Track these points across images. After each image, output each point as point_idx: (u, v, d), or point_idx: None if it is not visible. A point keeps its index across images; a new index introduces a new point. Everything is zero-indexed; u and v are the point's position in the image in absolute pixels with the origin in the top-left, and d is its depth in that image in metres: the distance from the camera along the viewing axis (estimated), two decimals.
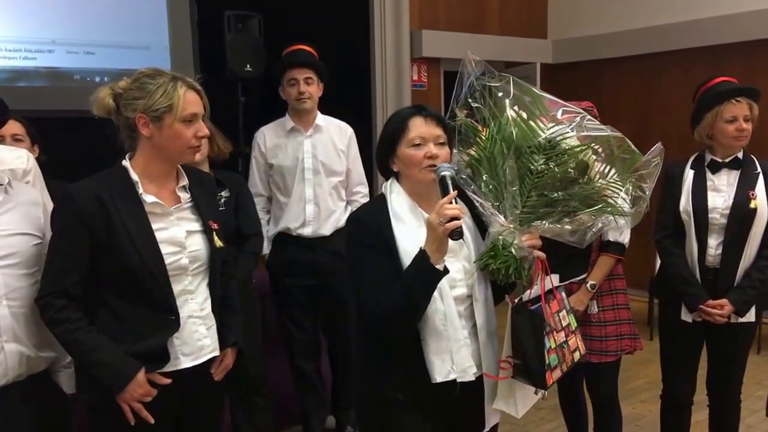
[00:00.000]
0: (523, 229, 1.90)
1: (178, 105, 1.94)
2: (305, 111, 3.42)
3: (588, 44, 6.71)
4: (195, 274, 2.07)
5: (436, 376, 1.89)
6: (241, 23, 5.58)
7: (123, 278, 1.95)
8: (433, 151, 1.92)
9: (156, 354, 1.98)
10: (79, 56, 4.81)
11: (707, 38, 5.85)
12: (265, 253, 3.49)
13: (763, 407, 2.97)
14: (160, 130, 1.96)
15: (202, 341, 2.08)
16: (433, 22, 6.27)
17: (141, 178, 2.00)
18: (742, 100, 2.76)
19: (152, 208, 2.00)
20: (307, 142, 3.45)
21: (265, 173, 3.52)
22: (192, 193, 2.11)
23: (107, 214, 1.92)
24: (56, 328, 1.94)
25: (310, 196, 3.43)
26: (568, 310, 2.06)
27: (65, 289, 1.93)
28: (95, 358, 1.93)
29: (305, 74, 3.37)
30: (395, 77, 5.96)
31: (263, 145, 3.50)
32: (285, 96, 3.44)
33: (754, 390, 4.20)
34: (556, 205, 1.90)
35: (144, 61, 4.91)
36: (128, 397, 1.93)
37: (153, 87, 1.94)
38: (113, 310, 1.97)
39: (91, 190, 1.94)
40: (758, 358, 4.84)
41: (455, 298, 1.93)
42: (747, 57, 5.69)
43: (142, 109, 1.94)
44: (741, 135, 2.76)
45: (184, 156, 2.03)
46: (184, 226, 2.06)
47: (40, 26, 4.64)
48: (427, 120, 1.95)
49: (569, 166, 1.87)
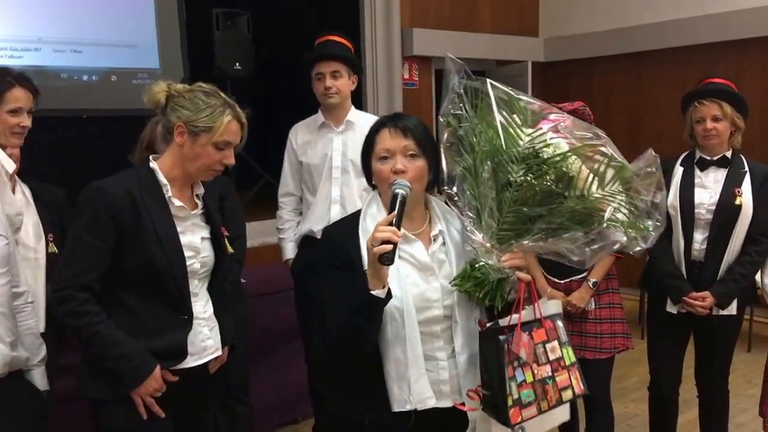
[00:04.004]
0: (502, 247, 1.76)
1: (218, 130, 2.02)
2: (333, 106, 3.23)
3: (579, 42, 6.75)
4: (201, 278, 2.16)
5: (394, 404, 1.79)
6: (230, 21, 5.59)
7: (144, 276, 2.00)
8: (398, 165, 1.78)
9: (174, 351, 2.07)
10: (66, 55, 4.73)
11: (699, 36, 5.90)
12: (289, 258, 3.40)
13: (754, 406, 2.99)
14: (193, 145, 2.03)
15: (206, 342, 2.17)
16: (424, 20, 6.28)
17: (168, 181, 2.07)
18: (706, 101, 2.88)
19: (177, 211, 2.08)
20: (337, 139, 3.26)
21: (297, 171, 3.36)
22: (205, 202, 2.20)
23: (138, 211, 1.98)
24: (77, 321, 1.96)
25: (337, 197, 3.24)
26: (562, 342, 1.86)
27: (87, 284, 1.96)
28: (117, 351, 1.98)
29: (332, 68, 3.17)
30: (386, 76, 5.97)
31: (295, 142, 3.35)
32: (315, 91, 3.26)
33: (744, 388, 4.24)
34: (536, 221, 1.73)
35: (132, 60, 4.97)
36: (143, 391, 2.00)
37: (203, 104, 2.03)
38: (129, 306, 2.02)
39: (124, 186, 1.99)
40: (749, 356, 4.90)
41: (430, 320, 1.81)
42: (738, 55, 5.74)
43: (185, 120, 2.02)
44: (709, 134, 2.88)
45: (202, 174, 2.10)
46: (198, 233, 2.14)
47: (26, 24, 4.58)
48: (392, 131, 1.81)
49: (548, 178, 1.71)
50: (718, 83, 2.99)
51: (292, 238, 3.40)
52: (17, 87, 2.47)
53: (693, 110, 2.93)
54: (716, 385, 3.10)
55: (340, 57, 3.21)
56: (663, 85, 6.20)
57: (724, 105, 2.87)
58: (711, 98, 2.89)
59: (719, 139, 2.89)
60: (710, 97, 2.90)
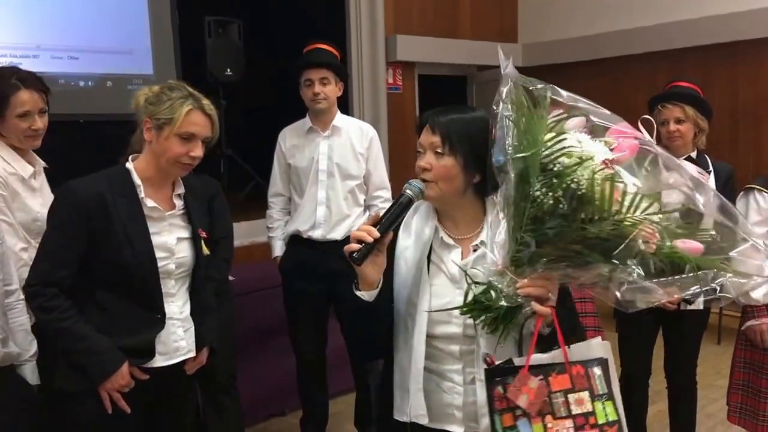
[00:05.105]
0: (518, 271, 1.48)
1: (178, 120, 2.01)
2: (321, 112, 3.32)
3: (556, 48, 6.80)
4: (177, 279, 2.15)
5: (395, 411, 1.69)
6: (222, 28, 5.64)
7: (115, 275, 2.02)
8: (421, 162, 1.65)
9: (142, 349, 2.06)
10: (64, 61, 4.78)
11: (669, 42, 5.96)
12: (278, 255, 3.48)
13: (723, 396, 3.08)
14: (159, 138, 2.04)
15: (179, 343, 2.15)
16: (408, 27, 6.35)
17: (143, 181, 2.07)
18: (669, 104, 2.96)
19: (150, 212, 2.07)
20: (324, 144, 3.34)
21: (286, 173, 3.45)
22: (186, 202, 2.18)
23: (108, 212, 1.98)
24: (46, 315, 1.99)
25: (322, 199, 3.32)
26: (597, 395, 1.49)
27: (56, 281, 1.98)
28: (84, 346, 1.99)
29: (321, 74, 3.26)
30: (371, 81, 6.02)
31: (283, 145, 3.43)
32: (303, 96, 3.34)
33: (713, 379, 4.28)
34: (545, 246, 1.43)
35: (127, 66, 5.09)
36: (110, 386, 2.01)
37: (165, 98, 2.04)
38: (102, 304, 2.03)
39: (94, 187, 2.00)
40: (718, 348, 4.95)
41: (447, 336, 1.64)
42: (706, 60, 5.81)
43: (149, 114, 2.04)
44: (672, 136, 2.96)
45: (172, 169, 2.08)
46: (175, 233, 2.13)
47: (24, 31, 4.65)
48: (428, 126, 1.66)
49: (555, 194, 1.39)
50: (683, 87, 3.07)
51: (281, 237, 3.48)
52: (23, 90, 2.38)
53: (657, 113, 2.99)
54: (685, 376, 3.17)
55: (328, 64, 3.29)
56: (637, 89, 6.27)
57: (687, 108, 2.94)
58: (674, 101, 2.96)
59: (683, 141, 2.96)
60: (673, 100, 2.97)
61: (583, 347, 1.54)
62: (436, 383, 1.68)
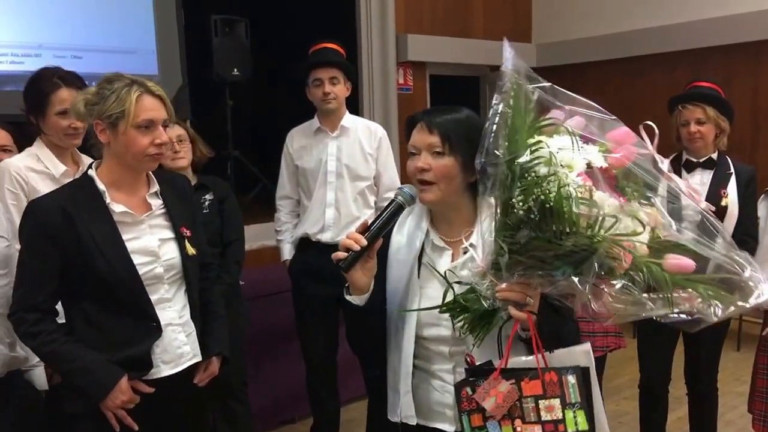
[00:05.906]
0: (497, 274, 1.48)
1: (131, 110, 1.87)
2: (331, 112, 3.29)
3: (571, 48, 6.76)
4: (171, 282, 2.05)
5: (388, 411, 1.72)
6: (228, 27, 5.60)
7: (98, 288, 1.92)
8: (419, 163, 1.64)
9: (139, 361, 1.97)
10: (67, 60, 4.73)
11: (689, 41, 5.92)
12: (287, 258, 3.44)
13: (743, 403, 3.05)
14: (116, 136, 1.91)
15: (182, 348, 2.06)
16: (419, 26, 6.30)
17: (108, 186, 1.96)
18: (690, 105, 2.93)
19: (121, 217, 1.96)
20: (332, 144, 3.31)
21: (294, 175, 3.41)
22: (164, 199, 2.06)
23: (73, 226, 1.89)
24: (32, 342, 1.92)
25: (331, 201, 3.29)
26: (568, 404, 1.49)
27: (36, 305, 1.91)
28: (76, 366, 1.91)
29: (330, 74, 3.22)
30: (381, 81, 5.98)
31: (291, 147, 3.39)
32: (311, 97, 3.30)
33: (733, 386, 4.27)
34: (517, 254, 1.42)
35: (131, 65, 5.00)
36: (111, 404, 1.91)
37: (108, 92, 1.89)
38: (91, 319, 1.95)
39: (55, 201, 1.91)
40: (738, 355, 4.93)
41: (437, 338, 1.67)
42: (727, 60, 5.76)
43: (98, 115, 1.90)
44: (693, 137, 2.94)
45: (143, 164, 1.96)
46: (157, 234, 2.02)
47: (27, 30, 4.62)
48: (421, 126, 1.66)
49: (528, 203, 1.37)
50: (703, 87, 3.04)
51: (290, 240, 3.44)
52: (63, 88, 2.39)
53: (678, 113, 2.99)
54: (705, 383, 3.15)
55: (337, 63, 3.27)
56: (654, 90, 6.24)
57: (708, 108, 2.93)
58: (695, 102, 2.94)
59: (703, 142, 2.95)
60: (694, 101, 2.95)
61: (565, 354, 1.54)
62: (428, 382, 1.71)
